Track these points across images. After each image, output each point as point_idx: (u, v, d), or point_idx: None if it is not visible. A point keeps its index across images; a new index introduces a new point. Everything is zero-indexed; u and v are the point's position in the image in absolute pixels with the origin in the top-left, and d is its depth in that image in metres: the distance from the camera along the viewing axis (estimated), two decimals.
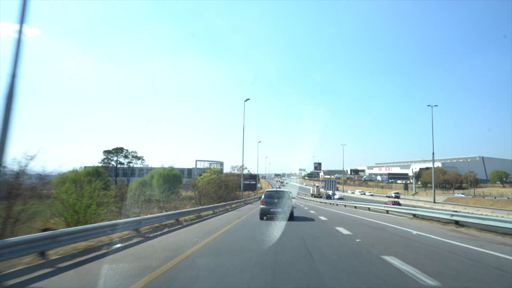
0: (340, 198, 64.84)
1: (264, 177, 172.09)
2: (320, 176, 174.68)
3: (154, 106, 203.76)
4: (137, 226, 9.63)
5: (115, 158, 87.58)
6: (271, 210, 15.08)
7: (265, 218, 15.25)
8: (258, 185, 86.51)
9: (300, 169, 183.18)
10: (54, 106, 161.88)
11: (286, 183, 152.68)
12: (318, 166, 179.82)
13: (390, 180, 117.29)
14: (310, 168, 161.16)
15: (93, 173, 47.69)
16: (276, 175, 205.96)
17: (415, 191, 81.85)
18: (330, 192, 73.68)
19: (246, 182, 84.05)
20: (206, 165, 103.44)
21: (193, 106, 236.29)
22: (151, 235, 9.79)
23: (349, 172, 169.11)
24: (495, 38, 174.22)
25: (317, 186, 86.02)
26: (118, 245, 7.71)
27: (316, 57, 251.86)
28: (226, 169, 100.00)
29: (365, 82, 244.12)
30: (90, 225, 7.77)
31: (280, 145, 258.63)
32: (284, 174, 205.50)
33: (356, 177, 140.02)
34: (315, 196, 71.65)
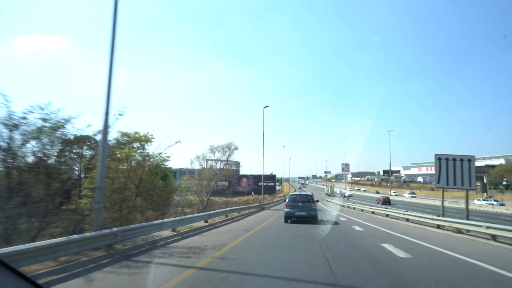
0: (349, 196, 69.37)
1: (287, 180, 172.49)
2: (348, 178, 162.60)
3: (176, 111, 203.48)
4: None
5: None
6: (296, 213, 15.62)
7: (289, 221, 15.75)
8: (278, 187, 74.13)
9: (325, 172, 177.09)
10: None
11: (307, 184, 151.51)
12: (346, 167, 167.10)
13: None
14: (337, 170, 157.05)
15: None
16: (300, 178, 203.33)
17: (487, 193, 60.17)
18: (346, 193, 77.29)
19: (264, 183, 71.61)
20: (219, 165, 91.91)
21: (215, 109, 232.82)
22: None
23: (381, 174, 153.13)
24: None
25: (331, 186, 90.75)
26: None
27: (343, 60, 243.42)
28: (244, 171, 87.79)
29: (393, 83, 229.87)
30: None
31: (304, 148, 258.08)
32: (308, 177, 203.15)
33: (392, 178, 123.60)
34: (328, 195, 74.92)
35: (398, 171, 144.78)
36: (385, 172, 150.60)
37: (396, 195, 72.03)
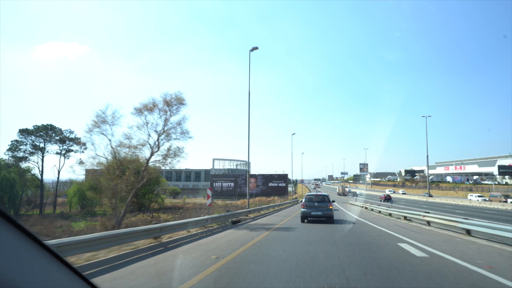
0: (360, 194, 71.24)
1: (302, 181, 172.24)
2: (367, 179, 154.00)
3: (193, 114, 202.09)
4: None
5: None
6: (312, 213, 16.01)
7: (306, 221, 16.21)
8: (290, 188, 66.44)
9: (342, 173, 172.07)
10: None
11: (321, 185, 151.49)
12: (364, 167, 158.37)
13: (470, 181, 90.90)
14: (355, 171, 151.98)
15: None
16: (316, 179, 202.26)
17: None
18: (358, 192, 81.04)
19: (272, 184, 64.33)
20: (226, 165, 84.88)
21: (230, 112, 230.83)
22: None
23: (403, 174, 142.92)
24: None
25: (342, 186, 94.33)
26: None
27: (362, 60, 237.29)
28: (254, 170, 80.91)
29: (412, 83, 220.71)
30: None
31: (320, 150, 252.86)
32: (324, 178, 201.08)
33: (417, 178, 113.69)
34: (340, 195, 78.82)
35: (422, 171, 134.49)
36: (407, 171, 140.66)
37: (428, 196, 61.96)
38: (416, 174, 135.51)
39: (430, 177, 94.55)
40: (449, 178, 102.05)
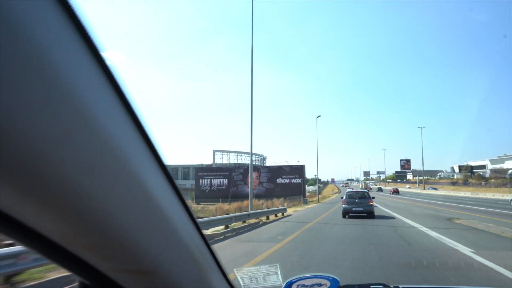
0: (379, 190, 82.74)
1: (333, 181, 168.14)
2: (410, 177, 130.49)
3: (222, 117, 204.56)
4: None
5: None
6: (353, 209, 16.25)
7: (347, 216, 16.27)
8: (312, 187, 47.63)
9: (378, 172, 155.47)
10: None
11: (350, 184, 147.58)
12: (406, 164, 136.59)
13: None
14: (392, 169, 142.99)
15: None
16: (349, 180, 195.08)
17: None
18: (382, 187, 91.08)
19: (282, 180, 45.32)
20: (232, 158, 67.04)
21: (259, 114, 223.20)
22: None
23: (456, 170, 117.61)
24: None
25: (366, 182, 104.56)
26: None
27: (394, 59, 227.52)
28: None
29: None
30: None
31: (355, 149, 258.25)
32: (358, 178, 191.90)
33: (488, 174, 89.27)
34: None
35: (484, 166, 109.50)
36: (461, 167, 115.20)
37: None
38: (473, 170, 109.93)
39: (509, 172, 70.35)
40: None
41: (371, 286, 1.67)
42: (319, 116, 37.16)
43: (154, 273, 0.67)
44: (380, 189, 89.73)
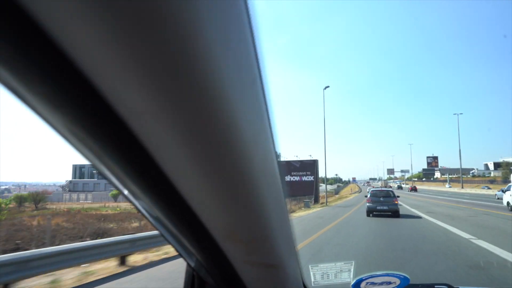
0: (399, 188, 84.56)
1: (354, 180, 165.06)
2: (437, 175, 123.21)
3: None
4: None
5: None
6: (378, 207, 15.97)
7: (371, 215, 16.05)
8: (329, 187, 43.39)
9: (402, 171, 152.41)
10: None
11: (371, 183, 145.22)
12: (433, 161, 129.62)
13: None
14: (420, 166, 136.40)
15: None
16: (371, 179, 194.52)
17: None
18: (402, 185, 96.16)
19: (292, 178, 35.59)
20: None
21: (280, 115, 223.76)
22: None
23: (491, 167, 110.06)
24: None
25: (385, 180, 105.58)
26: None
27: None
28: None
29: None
30: None
31: (379, 147, 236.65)
32: (381, 177, 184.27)
33: None
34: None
35: None
36: (497, 164, 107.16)
37: None
38: (500, 166, 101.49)
39: None
40: None
41: (436, 286, 1.66)
42: (327, 87, 32.26)
43: (278, 266, 0.70)
44: (400, 187, 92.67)
